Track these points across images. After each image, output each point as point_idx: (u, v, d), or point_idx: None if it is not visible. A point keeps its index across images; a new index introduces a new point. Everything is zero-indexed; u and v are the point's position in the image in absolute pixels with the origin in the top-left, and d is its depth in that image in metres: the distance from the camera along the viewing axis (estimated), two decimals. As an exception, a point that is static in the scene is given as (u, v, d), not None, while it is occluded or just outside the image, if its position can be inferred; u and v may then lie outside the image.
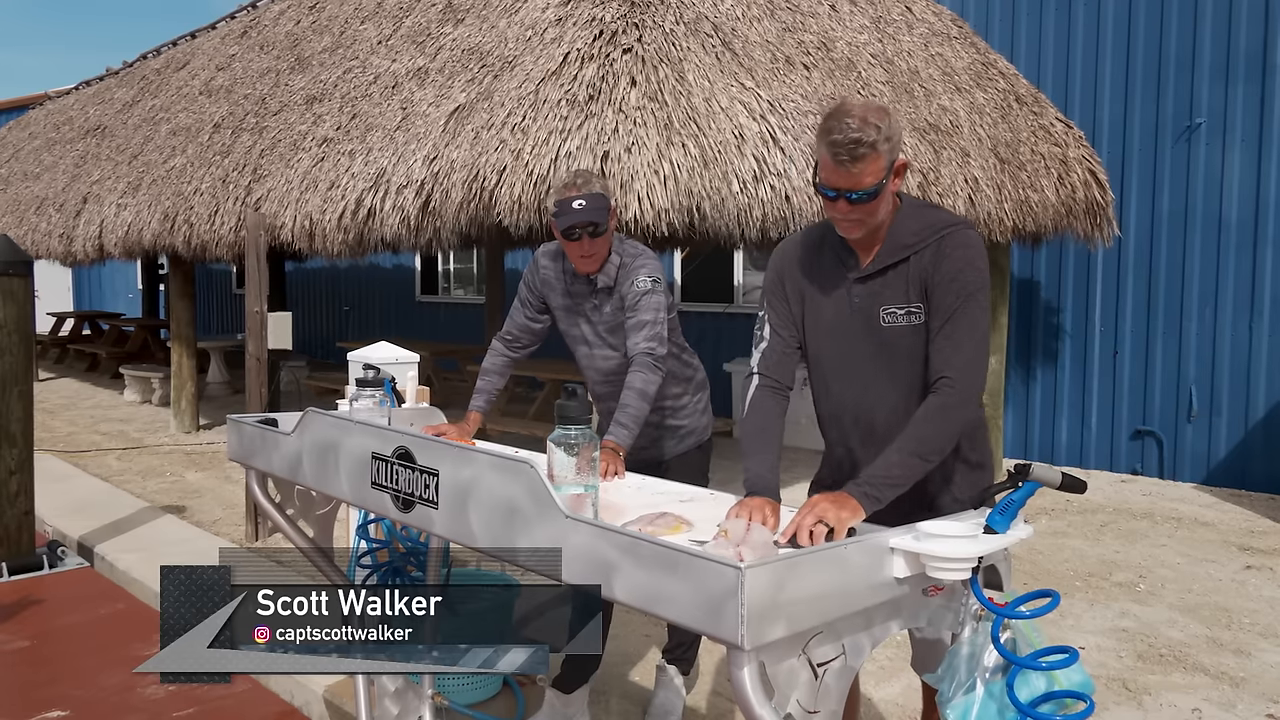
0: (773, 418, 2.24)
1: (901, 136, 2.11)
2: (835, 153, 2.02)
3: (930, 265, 2.12)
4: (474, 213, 5.38)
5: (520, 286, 3.23)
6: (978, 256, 2.13)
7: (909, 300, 2.15)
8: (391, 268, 14.09)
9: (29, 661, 4.22)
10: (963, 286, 2.09)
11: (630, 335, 2.97)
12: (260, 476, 2.70)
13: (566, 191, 2.92)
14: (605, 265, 3.03)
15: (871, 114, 2.03)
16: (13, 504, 5.29)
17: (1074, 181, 7.18)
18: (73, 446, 8.63)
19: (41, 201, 10.91)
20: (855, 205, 2.07)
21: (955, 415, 2.06)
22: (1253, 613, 4.61)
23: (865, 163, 2.02)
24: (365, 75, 7.32)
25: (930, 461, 2.04)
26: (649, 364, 2.91)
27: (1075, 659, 1.66)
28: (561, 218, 2.91)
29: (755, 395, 2.26)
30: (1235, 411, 7.35)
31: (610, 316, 3.07)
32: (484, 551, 1.86)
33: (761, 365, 2.29)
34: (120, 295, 19.71)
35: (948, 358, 2.08)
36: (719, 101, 5.26)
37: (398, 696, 3.12)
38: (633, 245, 3.09)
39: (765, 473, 2.12)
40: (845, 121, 2.01)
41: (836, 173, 2.05)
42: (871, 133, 2.00)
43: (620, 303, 3.03)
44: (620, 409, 2.84)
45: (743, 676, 1.42)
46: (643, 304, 2.96)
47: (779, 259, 2.35)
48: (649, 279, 2.99)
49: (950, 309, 2.09)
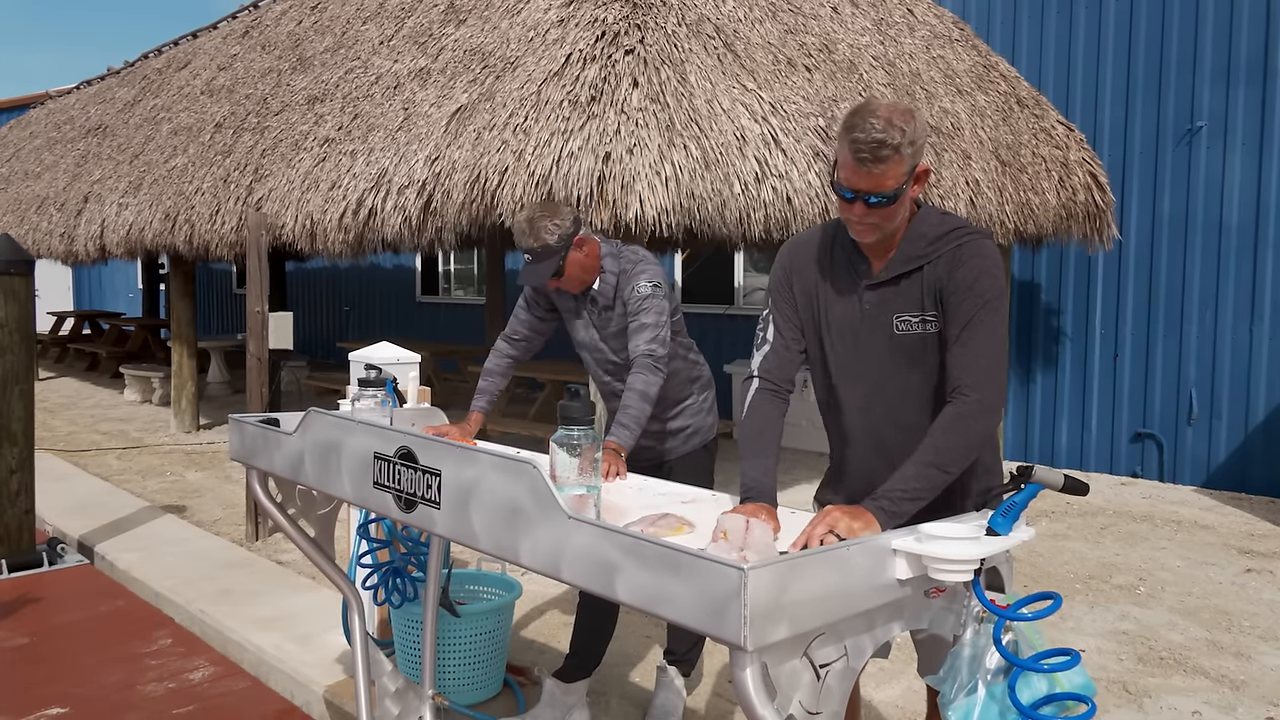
0: (771, 421, 2.20)
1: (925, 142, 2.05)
2: (857, 151, 1.95)
3: (945, 274, 2.07)
4: (475, 213, 5.38)
5: (526, 287, 3.25)
6: (994, 265, 2.07)
7: (923, 309, 2.10)
8: (392, 268, 14.10)
9: (28, 659, 4.22)
10: (980, 295, 2.03)
11: (632, 338, 2.98)
12: (261, 476, 2.70)
13: (519, 239, 2.97)
14: (600, 281, 3.06)
15: (897, 115, 1.95)
16: (13, 503, 5.30)
17: (1075, 184, 7.19)
18: (73, 446, 8.63)
19: (42, 201, 10.91)
20: (873, 209, 2.01)
21: (975, 425, 1.99)
22: (1253, 616, 4.62)
23: (887, 165, 1.94)
24: (367, 75, 7.32)
25: (950, 473, 1.98)
26: (650, 365, 2.92)
27: (1077, 661, 1.66)
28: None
29: (754, 398, 2.22)
30: (1235, 415, 7.35)
31: (614, 322, 3.11)
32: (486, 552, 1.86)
33: (762, 368, 2.24)
34: (120, 295, 19.72)
35: (966, 366, 2.02)
36: (721, 103, 5.26)
37: (398, 696, 3.12)
38: (632, 252, 3.09)
39: (762, 477, 2.10)
40: (870, 121, 1.94)
41: (857, 173, 1.97)
42: (896, 135, 1.93)
43: (624, 309, 3.06)
44: (621, 410, 2.86)
45: (745, 678, 1.42)
46: (644, 308, 2.98)
47: (787, 258, 2.28)
48: (649, 284, 3.01)
49: (967, 317, 2.03)
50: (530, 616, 4.45)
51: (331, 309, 15.34)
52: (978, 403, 1.99)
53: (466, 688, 3.52)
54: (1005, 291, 2.09)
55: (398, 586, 3.40)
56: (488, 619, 3.53)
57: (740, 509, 1.96)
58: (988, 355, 2.02)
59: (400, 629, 3.65)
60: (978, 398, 1.99)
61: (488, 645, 3.54)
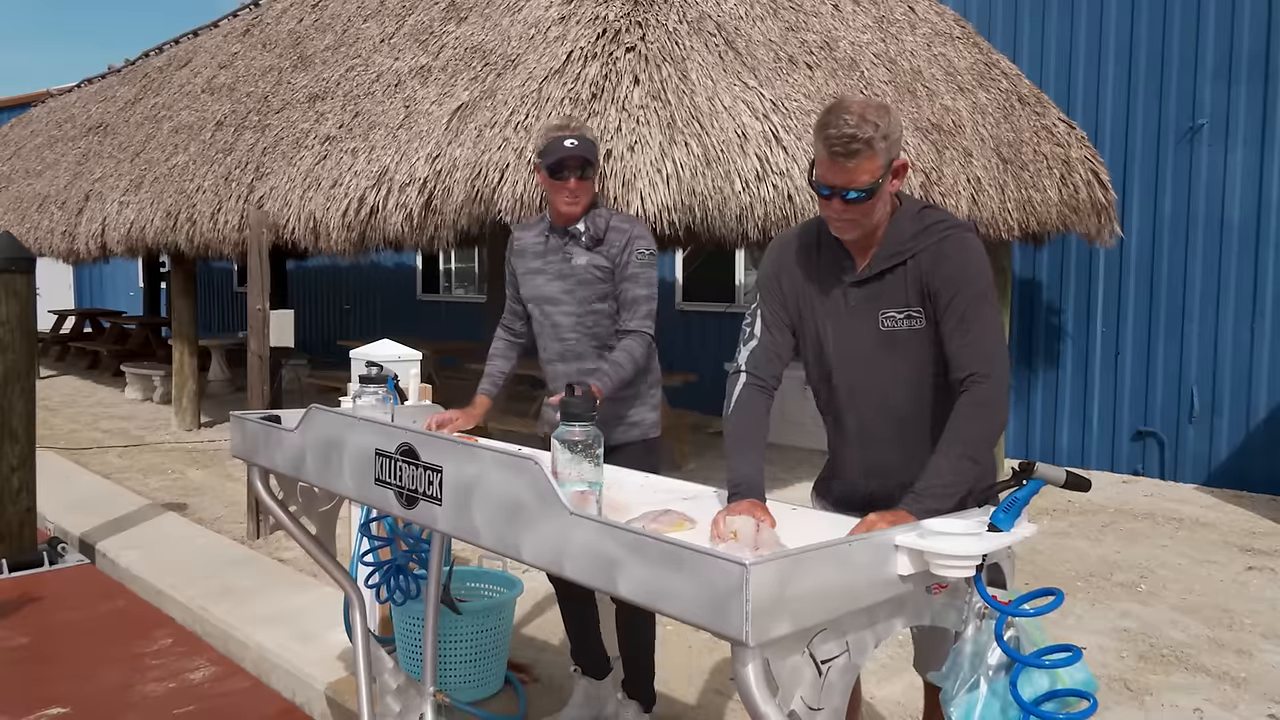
0: (759, 416, 2.21)
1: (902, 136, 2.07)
2: (830, 148, 1.97)
3: (930, 268, 2.09)
4: (476, 211, 5.38)
5: (506, 271, 3.25)
6: (979, 255, 2.09)
7: (908, 304, 2.12)
8: (393, 266, 14.10)
9: (29, 658, 4.22)
10: (970, 285, 2.05)
11: (626, 309, 2.98)
12: (263, 473, 2.70)
13: (558, 130, 2.91)
14: (591, 215, 3.00)
15: (870, 111, 1.97)
16: (14, 501, 5.30)
17: (1076, 182, 7.18)
18: (74, 444, 8.64)
19: (44, 199, 10.91)
20: (850, 205, 2.02)
21: (995, 410, 2.01)
22: (1254, 613, 4.62)
23: (860, 159, 1.96)
24: (368, 73, 7.32)
25: (979, 462, 1.99)
26: (646, 340, 2.95)
27: (1079, 657, 1.65)
28: (549, 154, 2.90)
29: (742, 393, 2.23)
30: (1236, 412, 7.35)
31: (584, 269, 3.01)
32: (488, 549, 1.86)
33: (750, 363, 2.25)
34: (121, 293, 19.72)
35: (973, 354, 2.03)
36: (722, 100, 5.26)
37: (400, 694, 3.12)
38: (627, 215, 3.08)
39: (751, 472, 2.11)
40: (843, 117, 1.96)
41: (832, 169, 1.99)
42: (869, 130, 1.95)
43: (603, 260, 2.99)
44: (610, 362, 2.89)
45: (747, 673, 1.42)
46: (642, 277, 2.97)
47: (776, 254, 2.31)
48: (646, 251, 2.99)
49: (961, 308, 2.05)
50: (532, 614, 4.45)
51: (332, 307, 15.34)
52: (993, 386, 2.01)
53: (468, 685, 3.52)
54: (993, 280, 2.12)
55: (399, 584, 3.40)
56: (489, 616, 3.53)
57: (734, 507, 1.96)
58: (991, 340, 2.05)
59: (402, 626, 3.65)
60: (992, 382, 2.01)
61: (489, 642, 3.54)
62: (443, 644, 3.47)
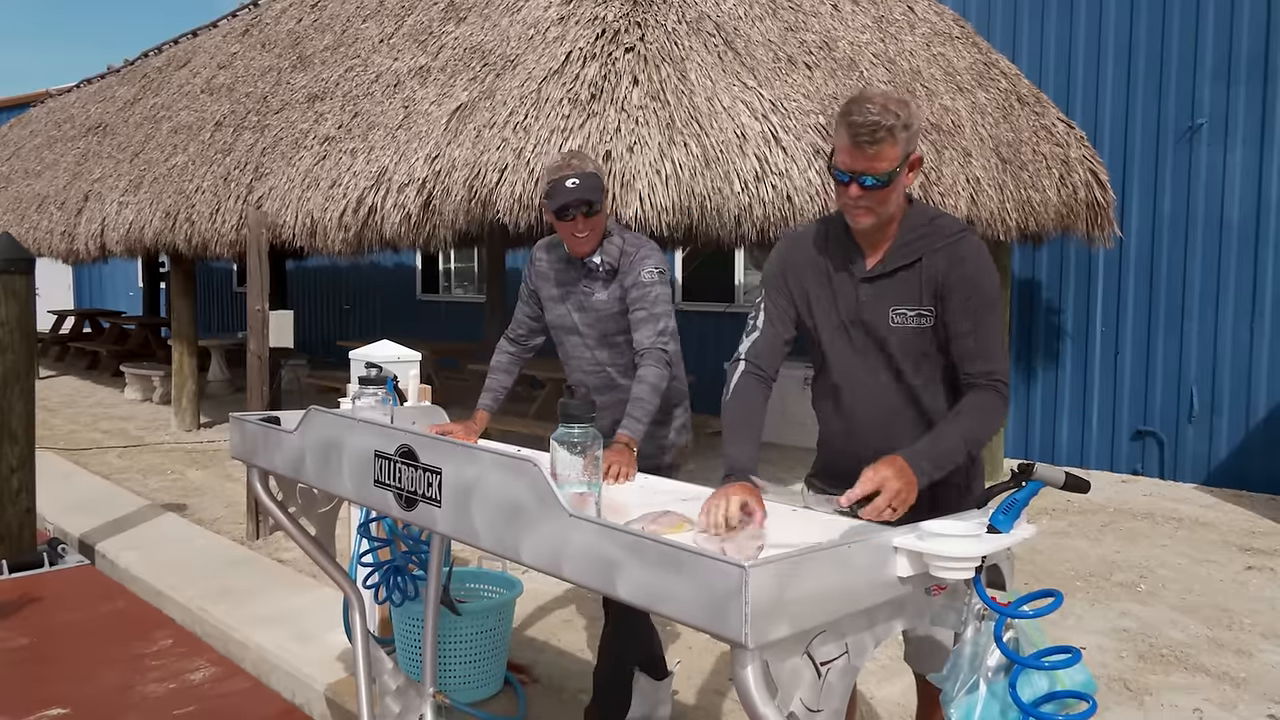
0: (756, 404, 2.25)
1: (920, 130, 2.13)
2: (854, 134, 2.03)
3: (945, 269, 2.14)
4: (475, 211, 5.38)
5: (521, 284, 3.24)
6: (990, 264, 2.17)
7: (920, 303, 2.17)
8: (392, 266, 14.09)
9: (29, 659, 4.22)
10: (984, 293, 2.13)
11: (638, 329, 2.92)
12: (262, 474, 2.70)
13: (559, 171, 2.88)
14: (604, 246, 2.98)
15: (892, 102, 2.05)
16: (14, 501, 5.29)
17: (1075, 182, 7.18)
18: (74, 444, 8.63)
19: (43, 199, 10.91)
20: (867, 191, 2.08)
21: (997, 416, 2.09)
22: (1254, 613, 4.62)
23: (882, 146, 2.02)
24: (367, 74, 7.32)
25: (970, 456, 2.07)
26: (661, 359, 2.86)
27: (1078, 659, 1.65)
28: (554, 198, 2.87)
29: (740, 381, 2.27)
30: (1236, 412, 7.35)
31: (604, 304, 3.00)
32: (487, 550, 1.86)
33: (750, 353, 2.29)
34: (121, 293, 19.72)
35: (983, 358, 2.11)
36: (721, 101, 5.26)
37: (399, 694, 3.12)
38: (636, 235, 3.05)
39: (746, 459, 2.13)
40: (866, 105, 2.03)
41: (853, 155, 2.05)
42: (891, 118, 2.01)
43: (620, 290, 2.98)
44: (633, 402, 2.79)
45: (746, 675, 1.42)
46: (650, 297, 2.92)
47: (783, 251, 2.35)
48: (655, 270, 2.95)
49: (974, 310, 2.12)
50: (531, 615, 4.45)
51: (332, 307, 15.33)
52: (999, 394, 2.10)
53: (467, 686, 3.52)
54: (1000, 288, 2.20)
55: (399, 585, 3.41)
56: (489, 617, 3.53)
57: (725, 489, 1.97)
58: (999, 349, 2.14)
59: (401, 627, 3.65)
60: (999, 390, 2.10)
61: (489, 643, 3.54)
62: (442, 645, 3.47)
